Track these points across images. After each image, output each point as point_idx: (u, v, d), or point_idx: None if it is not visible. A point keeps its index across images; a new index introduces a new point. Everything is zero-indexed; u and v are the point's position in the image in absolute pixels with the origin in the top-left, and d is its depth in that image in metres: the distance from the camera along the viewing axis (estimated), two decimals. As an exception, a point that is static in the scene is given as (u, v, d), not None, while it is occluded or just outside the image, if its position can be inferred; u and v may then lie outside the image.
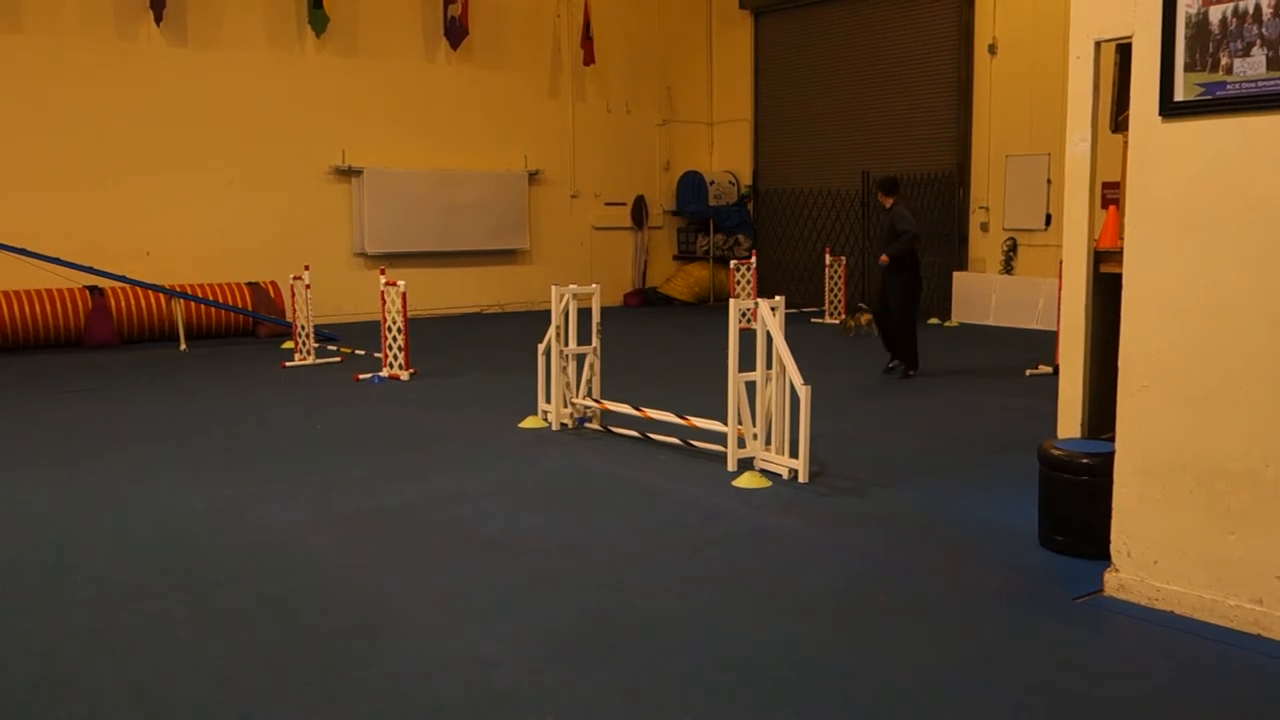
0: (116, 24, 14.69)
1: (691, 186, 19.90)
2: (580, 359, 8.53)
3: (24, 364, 12.24)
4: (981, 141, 16.55)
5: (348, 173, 16.70)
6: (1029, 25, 15.74)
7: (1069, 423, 6.64)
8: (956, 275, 16.63)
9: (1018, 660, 4.14)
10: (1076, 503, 5.21)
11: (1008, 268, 16.21)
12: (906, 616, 4.57)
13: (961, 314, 16.39)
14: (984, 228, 16.66)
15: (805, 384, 6.56)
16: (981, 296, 16.24)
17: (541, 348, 8.65)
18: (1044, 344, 12.44)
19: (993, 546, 5.49)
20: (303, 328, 12.18)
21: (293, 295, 12.36)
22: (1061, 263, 6.76)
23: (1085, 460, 5.22)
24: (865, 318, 14.19)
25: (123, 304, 13.93)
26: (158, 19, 14.78)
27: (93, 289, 13.75)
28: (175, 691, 3.89)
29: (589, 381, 8.47)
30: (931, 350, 13.36)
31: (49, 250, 12.87)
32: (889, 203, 11.12)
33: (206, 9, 15.35)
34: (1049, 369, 10.76)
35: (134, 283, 13.59)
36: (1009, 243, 16.22)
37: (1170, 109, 4.36)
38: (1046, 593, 4.85)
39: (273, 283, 15.15)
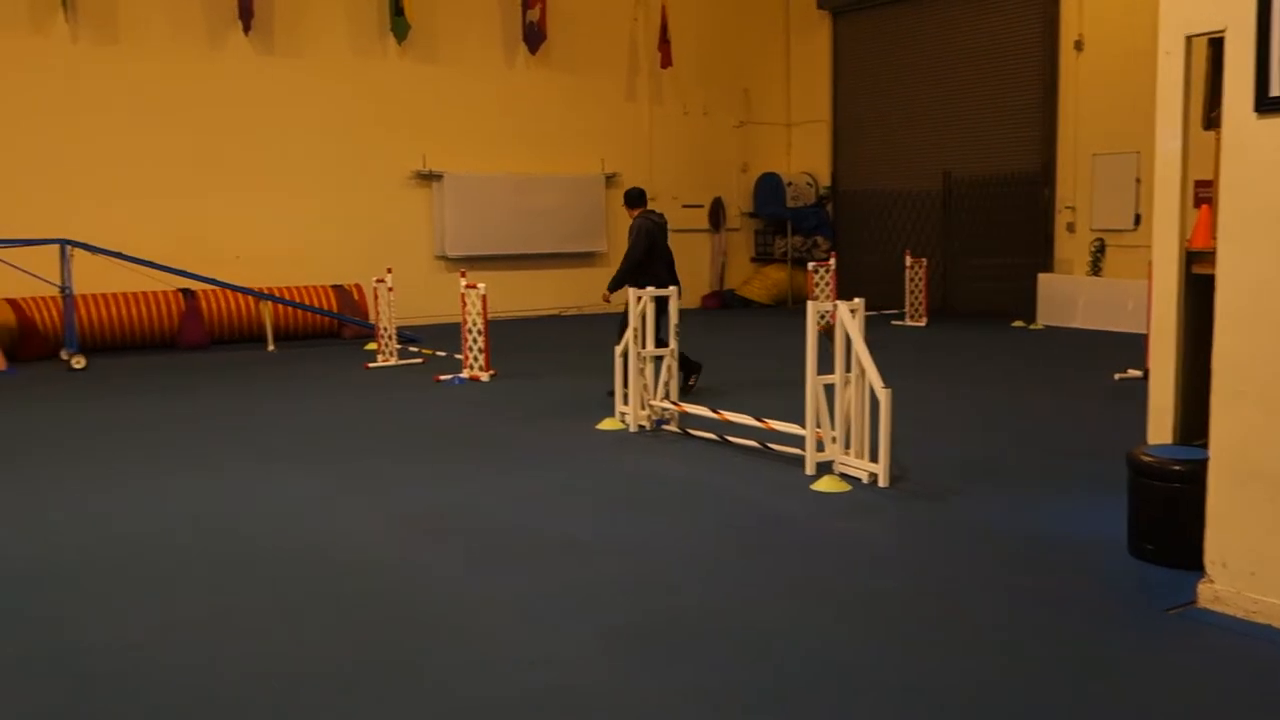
0: (207, 34, 15.09)
1: (769, 188, 19.81)
2: (658, 361, 8.53)
3: (120, 363, 12.62)
4: (1067, 140, 16.21)
5: (429, 177, 16.93)
6: (1116, 20, 15.38)
7: (1160, 428, 6.46)
8: (1042, 277, 16.31)
9: (1106, 674, 4.04)
10: (1168, 511, 5.07)
11: (1095, 269, 15.85)
12: (990, 628, 4.49)
13: (1047, 316, 16.07)
14: (1070, 228, 16.32)
15: (886, 387, 6.49)
16: (1068, 298, 15.90)
17: (619, 350, 8.68)
18: (1133, 347, 12.13)
19: (1079, 555, 5.37)
20: (385, 329, 12.38)
21: (376, 298, 12.57)
22: (1151, 264, 6.59)
23: (1177, 467, 5.08)
24: None
25: (214, 306, 14.31)
26: (246, 28, 15.15)
27: (185, 292, 14.14)
28: (248, 684, 3.97)
29: (666, 384, 8.48)
30: (1017, 354, 13.13)
31: (144, 255, 13.26)
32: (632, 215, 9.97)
33: (292, 18, 15.69)
34: (1138, 373, 10.50)
35: (224, 285, 13.95)
36: (1096, 243, 15.86)
37: (1266, 105, 4.23)
38: (1136, 604, 4.72)
39: (356, 285, 15.42)
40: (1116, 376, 10.83)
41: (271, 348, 13.88)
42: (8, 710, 3.82)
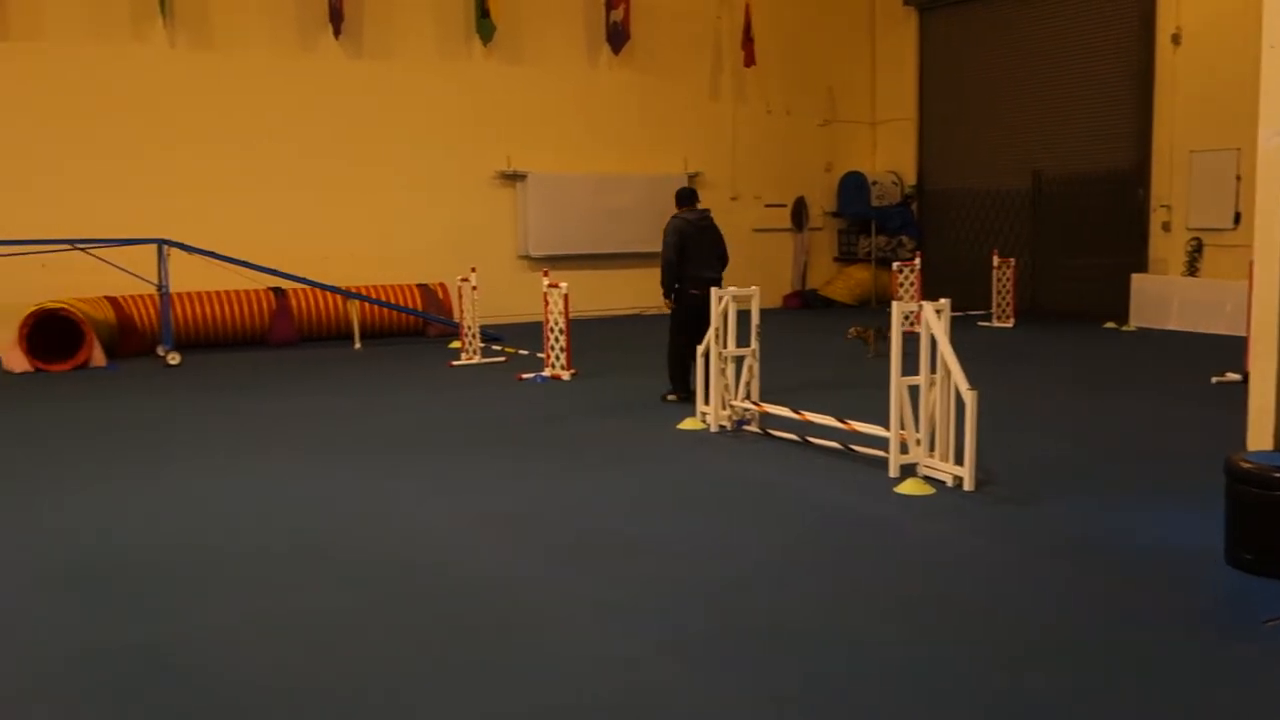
0: (299, 38, 15.43)
1: (853, 187, 19.59)
2: (739, 361, 8.49)
3: (213, 360, 12.96)
4: (1163, 137, 15.75)
5: (513, 177, 17.09)
6: (1216, 13, 14.90)
7: (1260, 433, 6.25)
8: (1135, 277, 15.86)
9: (1201, 687, 3.91)
10: (1267, 519, 4.90)
11: (1191, 269, 15.38)
12: (1078, 637, 4.38)
13: (1140, 318, 15.63)
14: (1165, 227, 15.85)
15: (971, 389, 6.37)
16: (1162, 299, 15.45)
17: (700, 350, 8.66)
18: (1231, 350, 11.75)
19: (1173, 564, 5.21)
20: (469, 328, 12.52)
21: (460, 296, 12.72)
22: (1252, 263, 6.37)
23: (1278, 474, 4.91)
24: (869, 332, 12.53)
25: (303, 304, 14.62)
26: (336, 32, 15.45)
27: (276, 290, 14.47)
28: (329, 675, 4.04)
29: (747, 384, 8.44)
30: (1108, 356, 12.81)
31: (237, 254, 13.59)
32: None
33: (381, 21, 15.96)
34: (1237, 377, 10.16)
35: (313, 284, 14.24)
36: (1193, 243, 15.38)
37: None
38: (1234, 614, 4.57)
39: (441, 284, 15.62)
40: (1214, 380, 10.49)
41: (358, 345, 14.13)
42: (109, 695, 3.94)
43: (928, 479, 6.64)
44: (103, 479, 7.13)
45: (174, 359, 12.56)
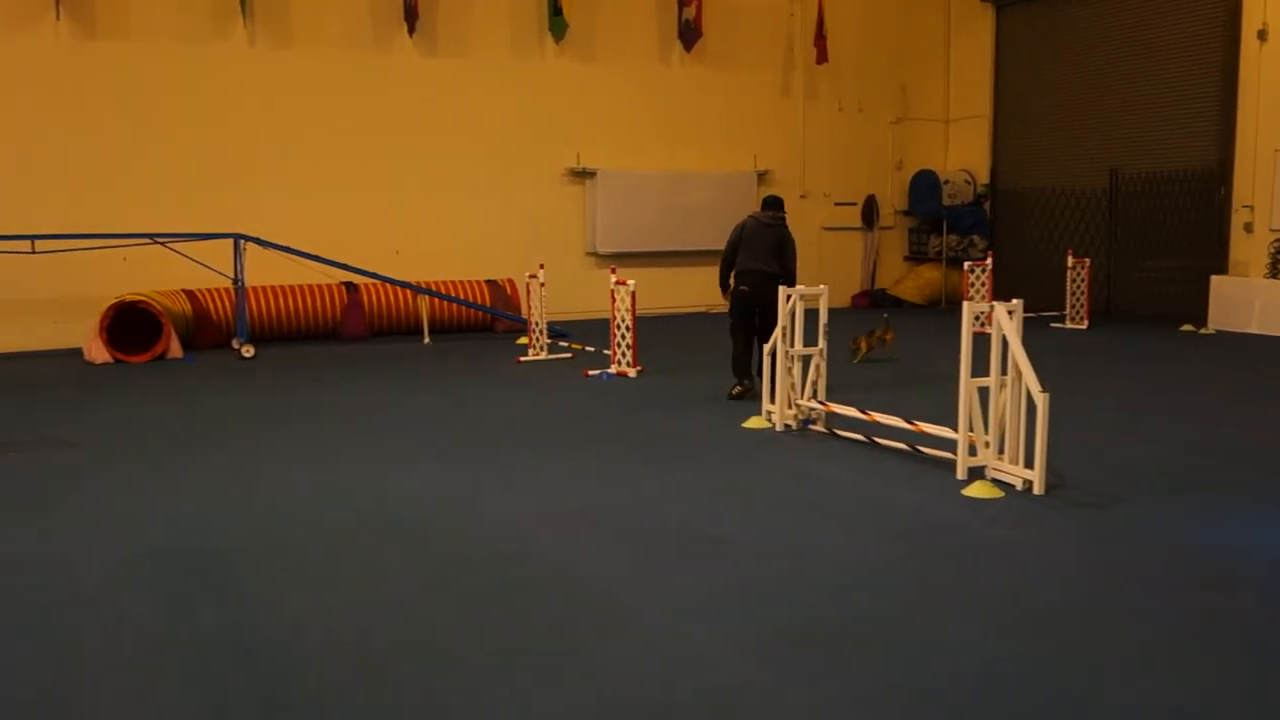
0: (373, 36, 15.65)
1: (925, 186, 19.36)
2: (806, 360, 8.44)
3: (286, 353, 13.21)
4: (1247, 136, 15.33)
5: (582, 174, 17.16)
6: (1306, 8, 14.47)
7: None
8: (1214, 279, 15.46)
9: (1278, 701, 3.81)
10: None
11: (1275, 272, 14.95)
12: (1152, 646, 4.29)
13: (1219, 320, 15.23)
14: (1248, 228, 15.43)
15: (1043, 391, 6.27)
16: (1243, 302, 15.04)
17: (767, 348, 8.62)
18: (1316, 355, 11.43)
19: (1250, 573, 5.08)
20: (536, 324, 12.61)
21: (528, 292, 12.81)
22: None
23: (1363, 483, 4.76)
24: (877, 336, 11.97)
25: (374, 299, 14.83)
26: (410, 30, 15.65)
27: (348, 285, 14.70)
28: (410, 665, 4.10)
29: (814, 383, 8.38)
30: (1186, 359, 12.52)
31: (310, 249, 13.84)
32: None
33: (455, 20, 16.13)
34: (1321, 382, 9.87)
35: (385, 279, 14.44)
36: (1276, 245, 14.96)
37: None
38: (1313, 626, 4.44)
39: (510, 280, 15.75)
40: (1297, 386, 10.21)
41: (427, 340, 14.30)
42: (192, 678, 4.04)
43: (996, 482, 6.55)
44: (186, 468, 7.30)
45: (248, 352, 12.82)
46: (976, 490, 6.45)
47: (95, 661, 4.20)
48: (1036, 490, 6.39)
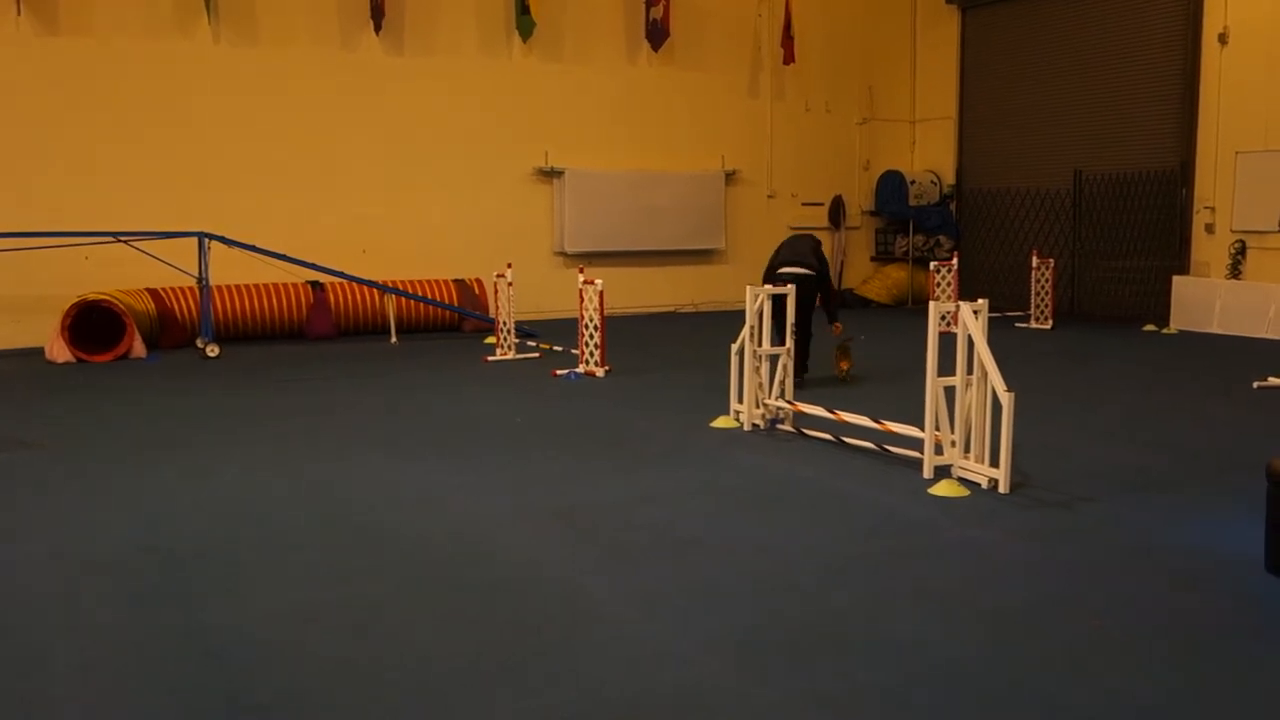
0: (340, 34, 15.54)
1: (891, 186, 19.48)
2: (774, 360, 8.47)
3: (252, 352, 13.10)
4: (1209, 137, 15.53)
5: (550, 174, 17.13)
6: (1265, 12, 14.67)
7: (1302, 440, 6.15)
8: (1176, 279, 15.66)
9: (1241, 701, 3.86)
10: (1309, 526, 4.82)
11: (1235, 272, 15.16)
12: (1114, 645, 4.33)
13: (1181, 320, 15.43)
14: (1209, 229, 15.64)
15: (1008, 390, 6.32)
16: (1204, 302, 15.24)
17: (735, 347, 8.64)
18: (1274, 354, 11.59)
19: (1212, 572, 5.14)
20: (504, 324, 12.57)
21: (496, 292, 12.78)
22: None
23: (1320, 481, 4.83)
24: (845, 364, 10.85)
25: (341, 298, 14.73)
26: (377, 28, 15.55)
27: (314, 284, 14.59)
28: (378, 669, 4.07)
29: (781, 382, 8.41)
30: (1148, 359, 12.67)
31: (276, 248, 13.73)
32: None
33: (422, 18, 16.04)
34: (1279, 381, 10.01)
35: (351, 279, 14.34)
36: (1237, 245, 15.17)
37: None
38: (1272, 624, 4.50)
39: (477, 280, 15.69)
40: (1256, 385, 10.34)
41: (394, 340, 14.23)
42: (155, 680, 4.00)
43: (963, 481, 6.60)
44: (149, 468, 7.22)
45: (213, 351, 12.70)
46: (943, 489, 6.49)
47: (57, 664, 4.15)
48: (1002, 489, 6.44)
